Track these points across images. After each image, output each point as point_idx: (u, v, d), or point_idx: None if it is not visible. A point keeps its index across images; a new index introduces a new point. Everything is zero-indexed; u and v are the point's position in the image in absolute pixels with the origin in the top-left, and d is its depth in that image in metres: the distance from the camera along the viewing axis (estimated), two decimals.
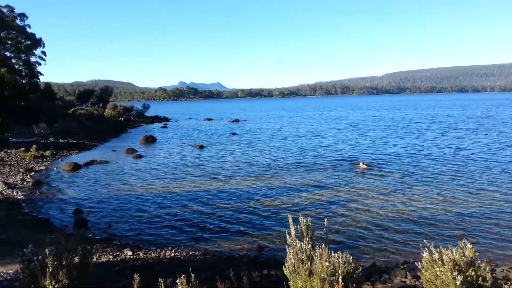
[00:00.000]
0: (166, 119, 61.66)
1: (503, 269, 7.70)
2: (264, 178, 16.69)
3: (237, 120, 54.68)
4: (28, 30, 42.31)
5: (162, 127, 47.88)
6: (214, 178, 16.86)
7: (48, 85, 48.81)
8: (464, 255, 4.80)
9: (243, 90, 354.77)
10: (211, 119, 60.08)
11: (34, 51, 42.86)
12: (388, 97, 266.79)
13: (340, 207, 12.24)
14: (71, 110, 46.12)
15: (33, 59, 43.18)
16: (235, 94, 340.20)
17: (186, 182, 16.33)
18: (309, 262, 4.85)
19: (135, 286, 4.37)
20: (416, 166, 18.39)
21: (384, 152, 22.77)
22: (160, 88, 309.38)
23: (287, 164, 19.63)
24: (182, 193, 14.44)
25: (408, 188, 14.34)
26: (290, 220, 5.10)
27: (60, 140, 29.59)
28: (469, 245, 4.86)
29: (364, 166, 18.09)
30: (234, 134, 36.21)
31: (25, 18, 41.63)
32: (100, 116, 47.73)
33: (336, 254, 4.87)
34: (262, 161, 20.91)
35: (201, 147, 27.19)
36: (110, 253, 8.85)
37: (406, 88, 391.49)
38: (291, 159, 21.07)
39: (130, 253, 8.82)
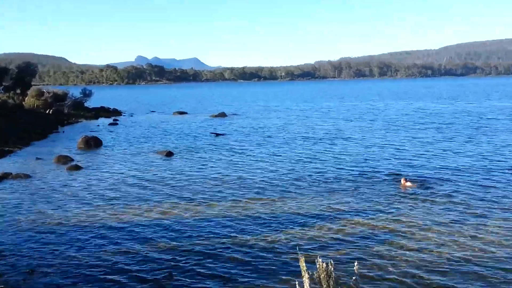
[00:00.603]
0: (117, 113, 61.89)
1: None
2: (261, 201, 16.86)
3: (223, 115, 55.18)
4: None
5: (111, 124, 47.99)
6: (188, 202, 16.97)
7: None
8: None
9: (232, 69, 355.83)
10: (185, 113, 60.59)
11: None
12: (448, 80, 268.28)
13: (374, 245, 12.34)
14: None
15: None
16: (220, 76, 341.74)
17: (146, 207, 16.38)
18: None
19: None
20: (488, 184, 18.48)
21: (440, 163, 23.01)
22: (108, 66, 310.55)
23: (295, 181, 19.87)
24: (140, 224, 14.50)
25: (476, 218, 14.40)
26: (302, 264, 5.13)
27: None
28: None
29: (408, 184, 18.44)
30: (217, 135, 36.74)
31: None
32: (18, 107, 47.67)
33: None
34: (258, 176, 21.11)
35: (169, 154, 27.44)
36: None
37: (476, 67, 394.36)
38: (300, 173, 21.35)
39: None
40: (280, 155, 26.60)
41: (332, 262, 5.39)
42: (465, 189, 17.84)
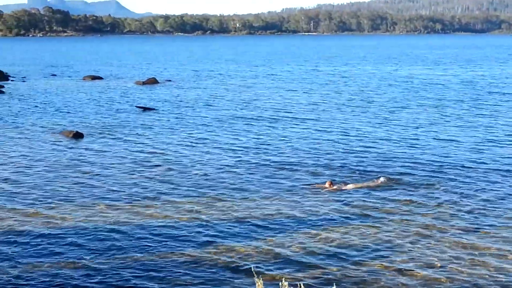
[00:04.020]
0: (1, 76, 53.31)
1: None
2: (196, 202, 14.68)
3: (153, 81, 48.68)
4: None
5: None
6: (99, 204, 14.69)
7: None
8: None
9: (166, 17, 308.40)
10: (99, 78, 53.27)
11: None
12: (463, 38, 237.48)
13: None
14: None
15: None
16: (149, 26, 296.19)
17: (47, 211, 14.02)
18: None
19: None
20: (472, 190, 15.56)
21: (413, 155, 20.09)
22: None
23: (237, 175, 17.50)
24: (38, 232, 12.32)
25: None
26: None
27: None
28: None
29: (335, 187, 15.96)
30: (146, 109, 32.70)
31: None
32: None
33: None
34: (191, 169, 18.50)
35: (77, 136, 24.02)
36: None
37: (502, 21, 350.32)
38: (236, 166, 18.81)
39: None
40: (206, 141, 23.19)
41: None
42: (436, 195, 15.04)
